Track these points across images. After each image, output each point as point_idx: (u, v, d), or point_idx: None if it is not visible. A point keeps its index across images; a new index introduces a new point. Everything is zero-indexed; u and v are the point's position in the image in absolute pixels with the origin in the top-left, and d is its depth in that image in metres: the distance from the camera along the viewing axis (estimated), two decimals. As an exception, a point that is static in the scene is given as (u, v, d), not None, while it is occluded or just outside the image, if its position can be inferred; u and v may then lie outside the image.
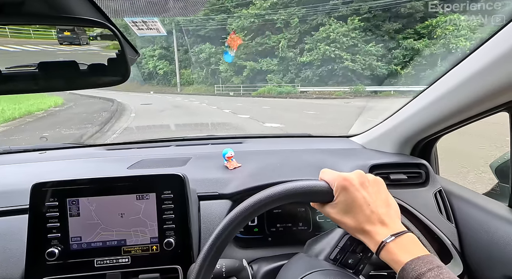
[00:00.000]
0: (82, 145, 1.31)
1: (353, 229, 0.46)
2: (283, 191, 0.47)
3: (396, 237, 0.42)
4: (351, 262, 0.51)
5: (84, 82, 0.56)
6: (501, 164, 0.87)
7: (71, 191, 0.66)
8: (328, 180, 0.49)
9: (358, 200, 0.45)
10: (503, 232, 0.67)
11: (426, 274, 0.36)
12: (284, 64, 22.82)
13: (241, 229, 0.48)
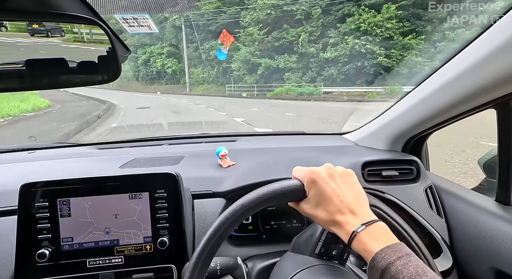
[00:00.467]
0: (73, 144, 1.29)
1: (326, 222, 0.46)
2: (256, 198, 0.47)
3: (366, 226, 0.42)
4: (335, 253, 0.53)
5: (73, 80, 0.55)
6: (488, 160, 0.89)
7: (62, 191, 0.65)
8: (299, 177, 0.49)
9: (327, 192, 0.45)
10: (490, 225, 0.69)
11: (395, 263, 0.36)
12: (304, 61, 19.32)
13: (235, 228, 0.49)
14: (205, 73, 24.89)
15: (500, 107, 0.67)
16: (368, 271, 0.40)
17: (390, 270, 0.36)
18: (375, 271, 0.38)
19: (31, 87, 0.56)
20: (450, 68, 0.67)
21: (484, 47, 0.57)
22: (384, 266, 0.37)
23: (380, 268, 0.37)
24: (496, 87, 0.60)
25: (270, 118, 8.32)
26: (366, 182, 0.88)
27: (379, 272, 0.37)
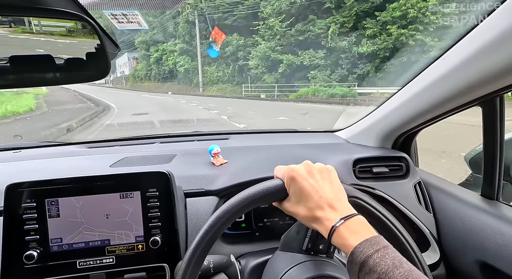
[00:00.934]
0: (61, 143, 1.25)
1: (306, 218, 0.46)
2: (239, 202, 0.47)
3: (345, 220, 0.42)
4: (322, 247, 0.54)
5: (60, 77, 0.53)
6: (474, 156, 0.92)
7: (50, 191, 0.63)
8: (280, 176, 0.50)
9: (306, 189, 0.46)
10: (476, 219, 0.72)
11: (373, 256, 0.37)
12: (333, 57, 16.04)
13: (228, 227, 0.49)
14: (219, 72, 22.26)
15: (485, 104, 0.69)
16: (348, 265, 0.40)
17: (368, 263, 0.37)
18: (354, 265, 0.39)
19: (15, 85, 0.54)
20: (438, 67, 0.68)
21: (469, 47, 0.58)
22: (363, 260, 0.37)
23: (358, 261, 0.38)
24: (482, 86, 0.62)
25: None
26: (357, 179, 0.90)
27: (358, 266, 0.38)
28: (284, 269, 0.52)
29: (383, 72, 14.05)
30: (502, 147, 0.70)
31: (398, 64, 13.41)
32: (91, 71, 0.54)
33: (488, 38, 0.53)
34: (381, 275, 0.35)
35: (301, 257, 0.53)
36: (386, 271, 0.35)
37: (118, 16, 0.73)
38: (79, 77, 0.55)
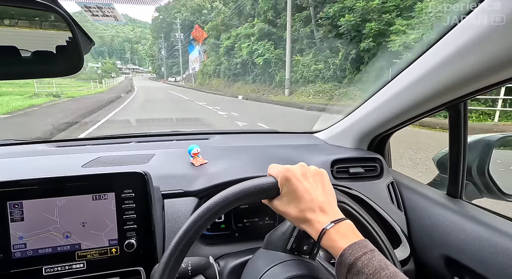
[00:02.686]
0: (26, 141, 1.17)
1: (296, 219, 0.47)
2: (231, 195, 0.47)
3: (335, 224, 0.43)
4: (306, 248, 0.54)
5: (27, 71, 0.50)
6: (441, 158, 0.98)
7: (13, 193, 0.58)
8: (274, 174, 0.50)
9: (299, 190, 0.47)
10: (442, 216, 0.77)
11: (361, 258, 0.39)
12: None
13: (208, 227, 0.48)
14: (319, 63, 13.56)
15: (451, 109, 0.74)
16: (337, 267, 0.42)
17: (357, 264, 0.39)
18: (343, 266, 0.40)
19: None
20: (411, 73, 0.72)
21: (436, 56, 0.62)
22: (351, 261, 0.39)
23: (347, 263, 0.39)
24: (448, 92, 0.67)
25: None
26: (335, 179, 0.92)
27: (347, 267, 0.39)
28: (267, 267, 0.52)
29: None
30: (465, 149, 0.76)
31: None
32: (62, 66, 0.51)
33: (455, 47, 0.57)
34: (369, 276, 0.37)
35: (284, 256, 0.54)
36: (373, 272, 0.37)
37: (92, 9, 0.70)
38: (48, 71, 0.52)
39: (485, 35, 0.51)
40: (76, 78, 37.20)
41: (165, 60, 71.97)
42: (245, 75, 20.97)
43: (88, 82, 28.62)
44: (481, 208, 0.75)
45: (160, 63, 76.86)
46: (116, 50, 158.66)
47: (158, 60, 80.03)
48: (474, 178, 0.88)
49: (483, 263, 0.64)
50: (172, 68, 68.15)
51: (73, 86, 25.39)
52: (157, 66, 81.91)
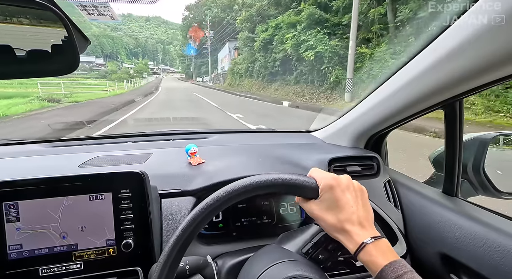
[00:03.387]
0: (21, 141, 1.16)
1: (333, 227, 0.48)
2: (274, 179, 0.47)
3: (375, 240, 0.45)
4: (321, 258, 0.54)
5: (21, 70, 0.49)
6: (437, 156, 0.99)
7: (8, 193, 0.58)
8: (316, 177, 0.51)
9: (342, 200, 0.48)
10: (438, 214, 0.77)
11: (403, 276, 0.40)
12: None
13: (205, 226, 0.48)
14: (397, 56, 9.41)
15: (447, 108, 0.75)
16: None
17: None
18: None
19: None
20: (406, 72, 0.73)
21: (431, 55, 0.63)
22: (394, 278, 0.40)
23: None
24: (443, 91, 0.67)
25: None
26: None
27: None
28: (275, 261, 0.52)
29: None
30: (461, 147, 0.77)
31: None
32: (58, 65, 0.51)
33: (450, 46, 0.58)
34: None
35: (296, 256, 0.53)
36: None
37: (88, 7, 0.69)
38: (43, 71, 0.51)
39: (480, 34, 0.51)
40: (107, 78, 36.49)
41: (194, 60, 69.82)
42: (285, 74, 16.38)
43: (113, 82, 27.62)
44: (477, 205, 0.76)
45: (189, 63, 75.44)
46: (149, 51, 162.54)
47: (187, 60, 78.61)
48: (469, 176, 0.89)
49: (478, 260, 0.65)
50: (200, 68, 65.77)
51: (89, 87, 23.75)
52: (186, 66, 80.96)
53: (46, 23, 0.48)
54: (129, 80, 32.90)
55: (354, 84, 10.67)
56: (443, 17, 0.58)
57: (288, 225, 0.88)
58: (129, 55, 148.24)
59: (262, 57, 19.28)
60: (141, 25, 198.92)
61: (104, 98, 15.52)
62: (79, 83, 30.18)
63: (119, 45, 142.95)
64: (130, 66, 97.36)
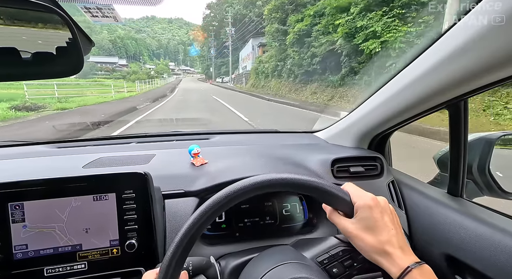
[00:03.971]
0: (27, 142, 1.17)
1: (373, 248, 0.46)
2: (315, 182, 0.47)
3: (419, 265, 0.44)
4: (335, 271, 0.53)
5: (26, 72, 0.50)
6: (442, 156, 0.98)
7: (13, 194, 0.59)
8: (352, 193, 0.50)
9: (381, 221, 0.47)
10: (442, 215, 0.77)
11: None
12: None
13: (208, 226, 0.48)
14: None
15: (451, 108, 0.74)
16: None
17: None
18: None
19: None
20: (410, 72, 0.72)
21: (435, 55, 0.62)
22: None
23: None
24: (446, 91, 0.67)
25: None
26: (335, 178, 0.92)
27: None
28: (288, 260, 0.52)
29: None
30: (466, 148, 0.76)
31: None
32: (62, 67, 0.51)
33: (454, 46, 0.57)
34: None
35: (310, 262, 0.53)
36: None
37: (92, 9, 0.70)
38: (47, 73, 0.52)
39: (484, 33, 0.51)
40: (126, 79, 35.83)
41: (214, 60, 66.35)
42: (326, 73, 12.64)
43: (132, 83, 26.09)
44: (482, 206, 0.75)
45: (209, 63, 72.53)
46: (171, 52, 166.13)
47: (207, 60, 75.97)
48: (474, 177, 0.88)
49: (484, 261, 0.64)
50: (220, 68, 62.20)
51: (94, 89, 21.10)
52: (206, 67, 78.72)
53: (51, 26, 0.48)
54: (148, 80, 32.14)
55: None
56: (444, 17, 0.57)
57: (291, 226, 0.88)
58: (151, 56, 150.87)
59: (296, 53, 15.04)
60: (163, 27, 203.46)
61: (102, 104, 12.56)
62: (97, 83, 29.20)
63: (142, 46, 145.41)
64: (151, 67, 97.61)
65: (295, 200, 0.90)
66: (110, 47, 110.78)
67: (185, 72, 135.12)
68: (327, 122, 1.28)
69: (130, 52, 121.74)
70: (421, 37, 8.35)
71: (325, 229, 0.84)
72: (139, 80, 29.77)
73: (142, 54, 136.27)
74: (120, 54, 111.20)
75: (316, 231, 0.85)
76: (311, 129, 1.37)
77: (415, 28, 8.89)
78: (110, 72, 72.92)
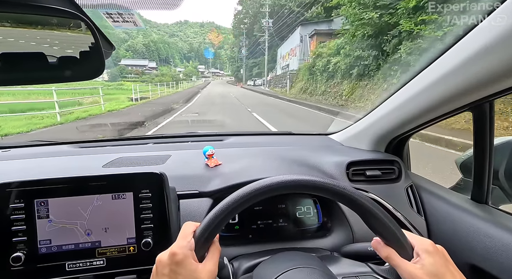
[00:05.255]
0: (52, 142, 1.23)
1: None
2: (383, 216, 0.46)
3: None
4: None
5: (52, 75, 0.53)
6: (465, 160, 0.93)
7: (40, 191, 0.62)
8: (410, 237, 0.49)
9: (446, 268, 0.46)
10: (466, 223, 0.73)
11: None
12: None
13: None
14: None
15: (476, 110, 0.71)
16: None
17: None
18: None
19: (5, 82, 0.53)
20: (430, 73, 0.70)
21: (462, 53, 0.59)
22: None
23: None
24: (473, 91, 0.64)
25: None
26: (351, 182, 0.90)
27: None
28: (287, 268, 0.52)
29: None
30: (492, 152, 0.72)
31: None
32: (85, 70, 0.54)
33: (478, 45, 0.55)
34: None
35: (328, 271, 0.53)
36: None
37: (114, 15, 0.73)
38: (72, 76, 0.54)
39: (509, 33, 0.48)
40: (146, 83, 31.88)
41: (245, 60, 60.55)
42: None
43: (154, 85, 22.86)
44: (509, 214, 0.71)
45: (239, 64, 67.19)
46: (201, 55, 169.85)
47: (237, 61, 71.13)
48: (501, 182, 0.83)
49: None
50: (252, 69, 56.55)
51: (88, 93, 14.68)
52: (236, 68, 74.19)
53: (75, 31, 0.51)
54: (171, 83, 28.89)
55: None
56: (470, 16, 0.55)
57: (304, 229, 0.87)
58: (182, 59, 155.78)
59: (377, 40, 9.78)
60: (195, 31, 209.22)
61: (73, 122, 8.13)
62: (114, 88, 27.81)
63: (174, 50, 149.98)
64: (181, 70, 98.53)
65: (309, 203, 0.89)
66: (144, 50, 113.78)
67: (214, 75, 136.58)
68: (342, 124, 1.26)
69: (162, 55, 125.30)
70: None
71: (340, 234, 0.82)
72: (161, 83, 27.67)
73: (173, 57, 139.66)
74: (153, 57, 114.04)
75: (331, 235, 0.83)
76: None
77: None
78: (140, 75, 71.99)
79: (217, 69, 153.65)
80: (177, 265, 0.43)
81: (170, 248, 0.45)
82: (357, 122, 1.12)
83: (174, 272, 0.43)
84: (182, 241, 0.47)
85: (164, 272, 0.44)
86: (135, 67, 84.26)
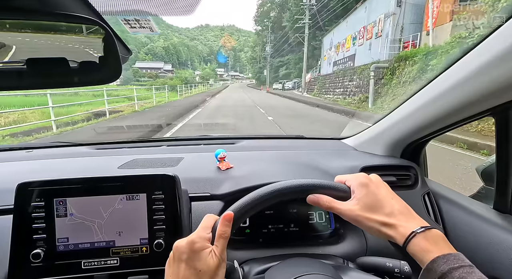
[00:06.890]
0: (71, 143, 1.28)
1: (379, 224, 0.45)
2: (307, 186, 0.49)
3: (426, 229, 0.42)
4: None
5: (73, 80, 0.55)
6: (487, 168, 0.89)
7: (59, 191, 0.64)
8: (344, 179, 0.51)
9: (380, 195, 0.47)
10: (488, 233, 0.69)
11: (458, 270, 0.36)
12: None
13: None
14: None
15: (499, 115, 0.67)
16: (424, 273, 0.39)
17: (453, 275, 0.36)
18: (432, 273, 0.38)
19: (30, 86, 0.56)
20: (449, 75, 0.67)
21: (483, 55, 0.57)
22: (446, 270, 0.37)
23: (440, 271, 0.37)
24: (495, 95, 0.61)
25: None
26: None
27: (438, 275, 0.37)
28: (299, 274, 0.52)
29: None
30: (516, 159, 0.68)
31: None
32: (103, 74, 0.56)
33: (502, 46, 0.52)
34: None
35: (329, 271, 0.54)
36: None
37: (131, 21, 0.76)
38: (91, 80, 0.56)
39: None
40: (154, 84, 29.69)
41: (270, 59, 50.29)
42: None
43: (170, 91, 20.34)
44: None
45: (262, 65, 56.46)
46: (221, 58, 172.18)
47: (259, 61, 61.09)
48: (527, 192, 0.78)
49: None
50: (278, 70, 46.40)
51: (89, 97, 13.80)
52: (258, 69, 63.18)
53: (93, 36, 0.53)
54: (178, 86, 24.57)
55: None
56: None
57: (316, 235, 0.85)
58: (201, 62, 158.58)
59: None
60: (216, 34, 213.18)
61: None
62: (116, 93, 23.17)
63: (193, 53, 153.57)
64: (197, 73, 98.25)
65: (322, 208, 0.87)
66: (163, 54, 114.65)
67: (233, 78, 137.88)
68: (356, 128, 1.24)
69: (181, 58, 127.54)
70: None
71: (353, 242, 0.80)
72: (163, 86, 23.19)
73: (193, 61, 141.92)
74: (172, 60, 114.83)
75: (343, 242, 0.82)
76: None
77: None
78: (154, 78, 67.08)
79: (236, 72, 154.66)
80: (194, 253, 0.45)
81: (190, 236, 0.46)
82: (371, 126, 1.09)
83: (191, 259, 0.44)
84: (203, 232, 0.48)
85: (182, 258, 0.45)
86: (150, 69, 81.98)
